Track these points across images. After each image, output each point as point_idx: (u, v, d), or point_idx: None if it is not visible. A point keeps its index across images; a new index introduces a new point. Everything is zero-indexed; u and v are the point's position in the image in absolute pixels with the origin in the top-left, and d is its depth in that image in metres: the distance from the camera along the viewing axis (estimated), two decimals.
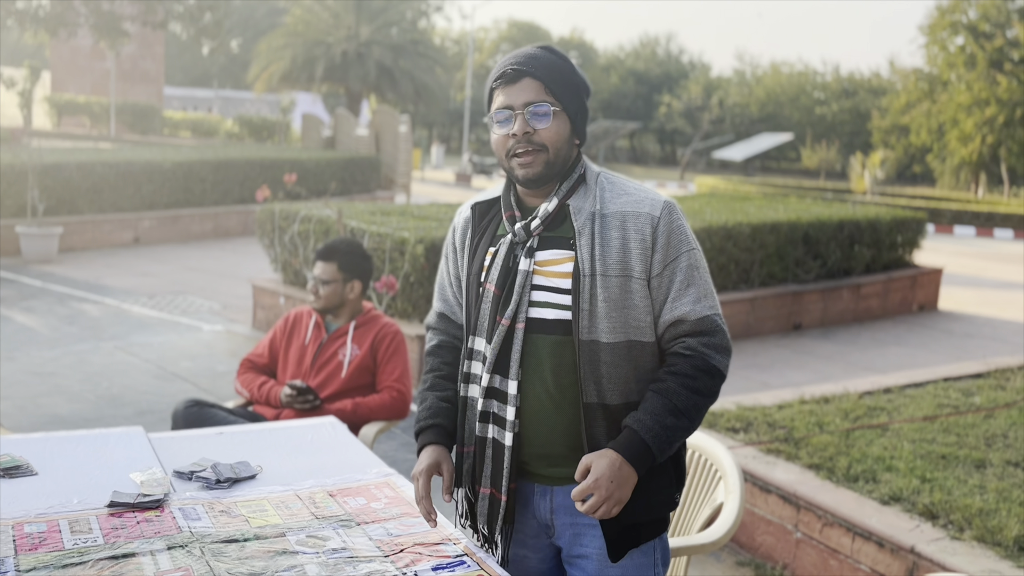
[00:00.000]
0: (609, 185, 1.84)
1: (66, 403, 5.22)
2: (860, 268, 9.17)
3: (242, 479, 2.18)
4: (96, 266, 9.70)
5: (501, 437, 1.80)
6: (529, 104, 1.77)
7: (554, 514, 1.84)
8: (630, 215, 1.78)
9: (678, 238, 1.79)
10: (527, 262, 1.80)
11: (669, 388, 1.74)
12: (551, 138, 1.78)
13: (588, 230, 1.77)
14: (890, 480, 3.49)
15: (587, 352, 1.74)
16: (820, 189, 28.01)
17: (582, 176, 1.84)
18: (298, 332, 3.40)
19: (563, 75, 1.80)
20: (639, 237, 1.76)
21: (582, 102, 1.84)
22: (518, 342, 1.77)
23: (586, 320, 1.74)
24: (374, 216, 7.06)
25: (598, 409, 1.76)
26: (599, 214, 1.79)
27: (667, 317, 1.78)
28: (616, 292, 1.75)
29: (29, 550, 1.75)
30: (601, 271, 1.75)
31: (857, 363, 7.27)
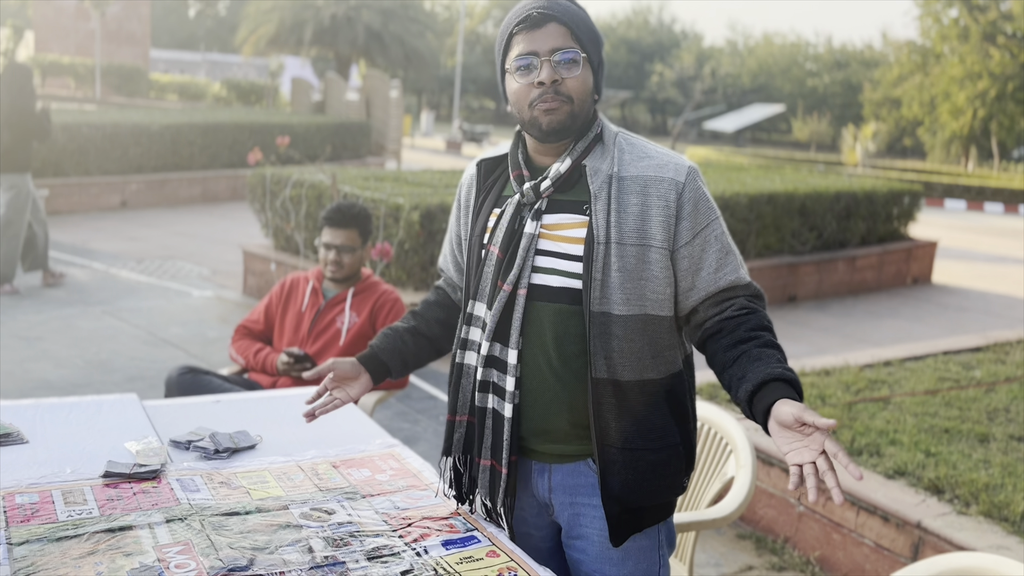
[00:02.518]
0: (628, 147, 1.71)
1: (54, 368, 5.12)
2: (855, 240, 9.13)
3: (241, 449, 2.10)
4: (83, 230, 9.55)
5: (501, 408, 1.71)
6: (556, 50, 1.64)
7: (552, 493, 1.77)
8: (652, 180, 1.66)
9: (706, 205, 1.68)
10: (533, 225, 1.69)
11: (771, 341, 1.62)
12: (577, 88, 1.66)
13: (605, 194, 1.65)
14: (894, 454, 3.46)
15: (598, 325, 1.64)
16: (811, 161, 27.95)
17: (599, 135, 1.72)
18: (294, 298, 3.31)
19: (586, 24, 1.69)
20: (662, 204, 1.64)
21: (602, 56, 1.73)
22: (519, 309, 1.68)
23: (598, 291, 1.64)
24: (367, 182, 6.94)
25: (608, 385, 1.66)
26: (617, 177, 1.67)
27: (709, 288, 1.68)
28: (632, 262, 1.64)
29: (21, 522, 1.67)
30: (617, 239, 1.64)
31: (852, 335, 7.25)
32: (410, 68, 28.70)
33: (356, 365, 1.92)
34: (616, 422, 1.67)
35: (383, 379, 1.95)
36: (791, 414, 1.45)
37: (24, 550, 1.56)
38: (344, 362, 1.91)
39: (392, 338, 1.96)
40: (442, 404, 5.00)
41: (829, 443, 1.42)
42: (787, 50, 53.91)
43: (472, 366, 1.75)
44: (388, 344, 1.95)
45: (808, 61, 53.84)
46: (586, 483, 1.74)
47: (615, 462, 1.68)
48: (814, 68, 53.30)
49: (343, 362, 1.91)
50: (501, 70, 1.74)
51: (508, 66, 1.70)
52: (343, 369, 1.90)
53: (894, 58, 40.85)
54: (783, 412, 1.47)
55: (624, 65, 54.95)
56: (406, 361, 1.96)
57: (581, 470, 1.74)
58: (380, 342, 1.96)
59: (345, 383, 1.92)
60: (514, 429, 1.71)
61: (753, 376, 1.55)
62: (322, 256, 3.23)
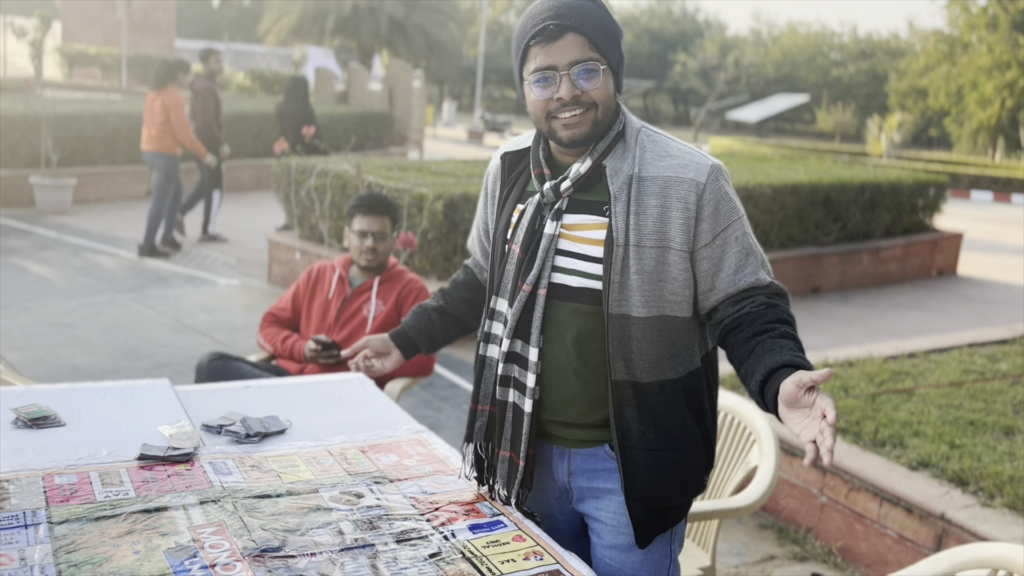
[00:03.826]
0: (650, 144, 1.68)
1: (84, 354, 5.21)
2: (880, 232, 9.07)
3: (272, 434, 2.14)
4: (110, 218, 9.66)
5: (521, 403, 1.74)
6: (575, 63, 1.61)
7: (571, 477, 1.80)
8: (672, 181, 1.63)
9: (728, 206, 1.66)
10: (553, 225, 1.69)
11: (787, 332, 1.60)
12: (600, 96, 1.64)
13: (624, 195, 1.63)
14: (918, 445, 3.45)
15: (617, 327, 1.65)
16: (835, 152, 27.70)
17: (620, 133, 1.70)
18: (321, 286, 3.35)
19: (604, 25, 1.64)
20: (682, 206, 1.62)
21: (622, 51, 1.69)
22: (539, 309, 1.69)
23: (616, 293, 1.64)
24: (391, 171, 6.98)
25: (628, 387, 1.67)
26: (637, 177, 1.64)
27: (728, 290, 1.66)
28: (651, 264, 1.63)
29: (61, 501, 1.72)
30: (635, 241, 1.62)
31: (876, 327, 7.21)
32: (432, 58, 28.71)
33: (387, 342, 2.10)
34: (637, 424, 1.68)
35: (413, 355, 2.11)
36: (791, 383, 1.44)
37: (64, 529, 1.61)
38: (376, 339, 2.10)
39: (421, 316, 2.09)
40: (465, 392, 5.04)
41: (821, 399, 1.41)
42: (812, 39, 53.40)
43: (494, 359, 1.78)
44: (417, 322, 2.09)
45: (833, 51, 53.31)
46: (604, 468, 1.76)
47: (638, 463, 1.69)
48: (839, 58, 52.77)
49: (375, 339, 2.10)
50: (519, 77, 1.71)
51: (526, 77, 1.67)
52: (376, 345, 2.10)
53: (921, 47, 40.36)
54: (785, 388, 1.46)
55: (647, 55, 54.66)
56: (434, 339, 2.10)
57: (599, 455, 1.76)
58: (410, 320, 2.10)
59: (379, 358, 2.12)
60: (533, 424, 1.73)
61: (763, 367, 1.54)
62: (356, 244, 3.26)
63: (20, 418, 2.07)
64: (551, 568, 1.62)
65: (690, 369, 1.72)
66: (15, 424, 2.07)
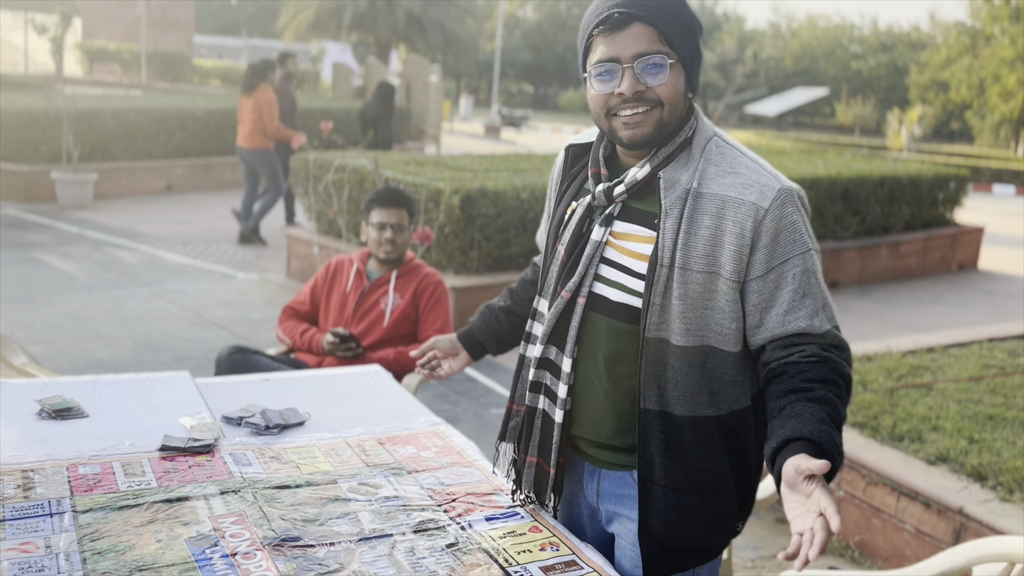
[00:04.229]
0: (718, 156, 1.53)
1: (105, 348, 5.26)
2: (899, 226, 9.00)
3: (291, 425, 2.17)
4: (130, 213, 9.75)
5: (551, 412, 1.67)
6: (640, 56, 1.48)
7: (600, 499, 1.72)
8: (731, 202, 1.48)
9: (790, 237, 1.49)
10: (601, 231, 1.58)
11: (824, 396, 1.42)
12: (667, 94, 1.50)
13: (677, 211, 1.50)
14: (936, 440, 3.44)
15: (652, 352, 1.53)
16: (855, 145, 27.51)
17: (688, 140, 1.55)
18: (339, 280, 3.37)
19: (678, 15, 1.50)
20: (736, 230, 1.47)
21: (698, 46, 1.55)
22: (576, 318, 1.60)
23: (656, 315, 1.51)
24: (408, 166, 7.00)
25: (656, 418, 1.55)
26: (694, 192, 1.50)
27: (775, 331, 1.50)
28: (697, 289, 1.50)
29: (85, 491, 1.74)
30: (682, 263, 1.49)
31: (895, 322, 7.16)
32: (449, 53, 28.71)
33: (455, 343, 2.04)
34: (661, 458, 1.57)
35: (481, 356, 2.05)
36: (792, 466, 1.33)
37: (88, 517, 1.64)
38: (444, 340, 2.04)
39: (488, 317, 2.01)
40: (481, 387, 5.06)
41: (822, 496, 1.29)
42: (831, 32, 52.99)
43: (532, 359, 1.71)
44: (484, 323, 2.01)
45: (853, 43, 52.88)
46: (629, 495, 1.67)
47: (657, 499, 1.58)
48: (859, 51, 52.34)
49: (443, 340, 2.04)
50: (582, 69, 1.59)
51: (588, 70, 1.55)
52: (443, 347, 2.04)
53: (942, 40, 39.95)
54: (786, 470, 1.34)
55: None
56: (502, 340, 2.02)
57: (627, 480, 1.66)
58: (477, 321, 2.03)
59: (446, 359, 2.05)
60: (563, 435, 1.67)
61: (781, 433, 1.40)
62: (374, 237, 3.28)
63: (45, 409, 2.10)
64: (567, 559, 1.63)
65: (735, 408, 1.58)
66: (40, 415, 2.10)
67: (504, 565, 1.59)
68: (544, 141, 26.06)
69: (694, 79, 1.55)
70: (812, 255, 1.52)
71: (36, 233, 8.38)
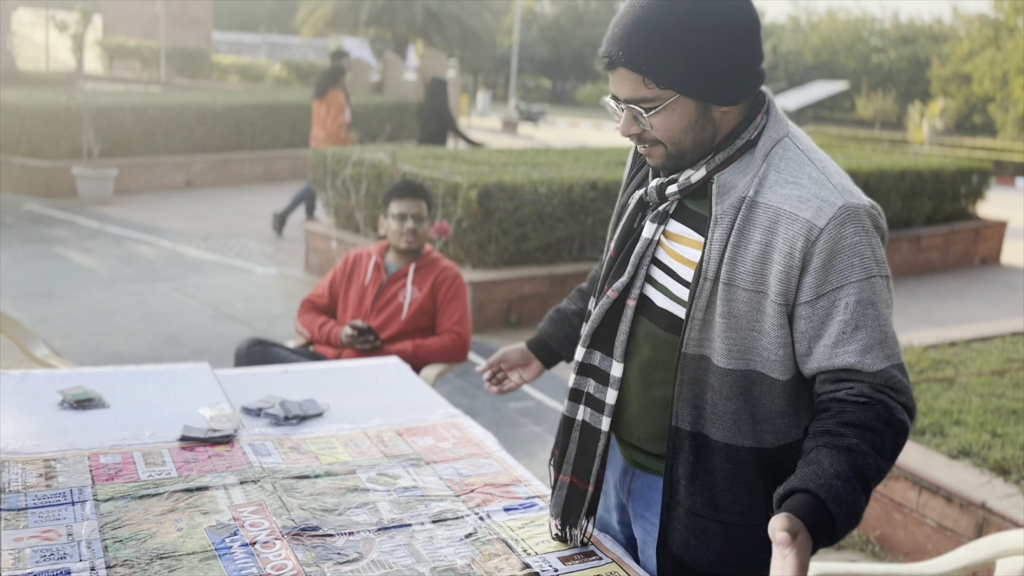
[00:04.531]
0: (783, 162, 1.38)
1: (125, 342, 5.31)
2: (921, 220, 8.93)
3: (309, 416, 2.17)
4: (150, 208, 9.81)
5: (596, 422, 1.54)
6: (628, 101, 1.39)
7: (631, 497, 1.62)
8: (785, 216, 1.33)
9: (847, 261, 1.32)
10: (652, 229, 1.46)
11: (853, 444, 1.28)
12: (663, 134, 1.40)
13: (728, 221, 1.36)
14: (958, 434, 3.40)
15: (691, 368, 1.41)
16: (876, 139, 27.28)
17: (752, 142, 1.40)
18: (358, 273, 3.38)
19: (666, 50, 1.33)
20: (786, 249, 1.33)
21: (712, 62, 1.35)
22: (626, 322, 1.47)
23: (696, 331, 1.40)
24: (426, 160, 7.00)
25: (688, 439, 1.44)
26: (750, 202, 1.36)
27: (822, 364, 1.35)
28: (743, 308, 1.36)
29: (106, 480, 1.76)
30: (727, 278, 1.36)
31: (916, 316, 7.10)
32: (467, 48, 28.70)
33: (526, 353, 1.88)
34: (688, 482, 1.45)
35: (555, 364, 1.89)
36: (771, 523, 1.20)
37: (110, 506, 1.65)
38: (513, 351, 1.88)
39: (560, 323, 1.85)
40: None
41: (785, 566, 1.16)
42: (851, 25, 52.55)
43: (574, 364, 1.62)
44: (557, 330, 1.85)
45: (873, 37, 52.42)
46: (658, 501, 1.56)
47: (678, 521, 1.48)
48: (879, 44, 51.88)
49: (512, 351, 1.88)
50: None
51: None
52: (513, 358, 1.88)
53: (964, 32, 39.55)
54: (770, 526, 1.21)
55: None
56: (575, 345, 1.82)
57: (657, 486, 1.56)
58: (548, 327, 1.86)
59: (516, 370, 1.89)
60: (607, 446, 1.55)
61: (789, 483, 1.27)
62: (395, 228, 3.29)
63: (66, 400, 2.12)
64: (586, 549, 1.62)
65: (782, 442, 1.42)
66: (61, 405, 2.12)
67: (522, 555, 1.59)
68: (562, 136, 26.02)
69: (718, 95, 1.37)
70: (876, 282, 1.33)
71: (57, 228, 8.46)
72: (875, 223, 1.36)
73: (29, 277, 6.60)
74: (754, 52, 1.39)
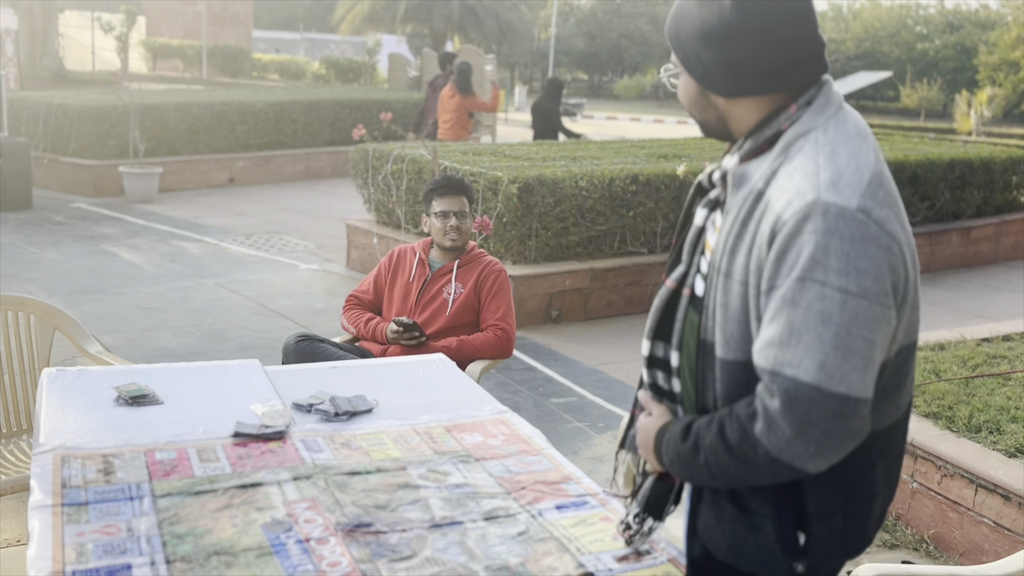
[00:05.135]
0: (798, 155, 1.34)
1: (173, 337, 5.38)
2: (970, 211, 8.73)
3: (359, 412, 2.18)
4: (194, 205, 9.95)
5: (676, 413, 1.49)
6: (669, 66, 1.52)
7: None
8: (769, 208, 1.31)
9: (795, 257, 1.25)
10: (703, 215, 1.45)
11: (701, 426, 1.36)
12: (682, 99, 1.48)
13: (736, 212, 1.36)
14: (1016, 431, 3.32)
15: (704, 354, 1.41)
16: (921, 129, 26.75)
17: (779, 133, 1.37)
18: (402, 269, 3.38)
19: (679, 24, 1.43)
20: (759, 241, 1.31)
21: (701, 53, 1.39)
22: (682, 310, 1.44)
23: (709, 319, 1.39)
24: (466, 155, 7.00)
25: None
26: (757, 193, 1.34)
27: (756, 360, 1.31)
28: (736, 301, 1.34)
29: (162, 476, 1.78)
30: (725, 268, 1.35)
31: (966, 310, 6.95)
32: (504, 42, 28.70)
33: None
34: None
35: None
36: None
37: (167, 502, 1.67)
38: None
39: None
40: (542, 375, 5.05)
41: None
42: (895, 13, 51.56)
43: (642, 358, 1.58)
44: None
45: (918, 24, 51.36)
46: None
47: (705, 499, 1.47)
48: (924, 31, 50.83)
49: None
50: None
51: None
52: None
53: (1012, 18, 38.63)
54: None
55: None
56: None
57: None
58: None
59: None
60: None
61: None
62: (438, 226, 3.29)
63: (121, 396, 2.15)
64: (641, 548, 1.61)
65: None
66: (117, 402, 2.15)
67: (576, 553, 1.58)
68: (600, 129, 25.90)
69: (706, 82, 1.40)
70: (808, 287, 1.23)
71: (105, 225, 8.61)
72: (861, 228, 1.25)
73: (79, 274, 6.72)
74: (748, 55, 1.36)
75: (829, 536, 1.38)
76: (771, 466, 1.27)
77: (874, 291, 1.24)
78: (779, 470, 1.27)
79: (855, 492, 1.38)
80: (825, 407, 1.22)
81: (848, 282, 1.23)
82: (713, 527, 1.44)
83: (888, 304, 1.28)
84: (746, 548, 1.41)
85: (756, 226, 1.32)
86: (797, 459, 1.25)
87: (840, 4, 55.62)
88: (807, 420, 1.23)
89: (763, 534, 1.38)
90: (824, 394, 1.22)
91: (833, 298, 1.23)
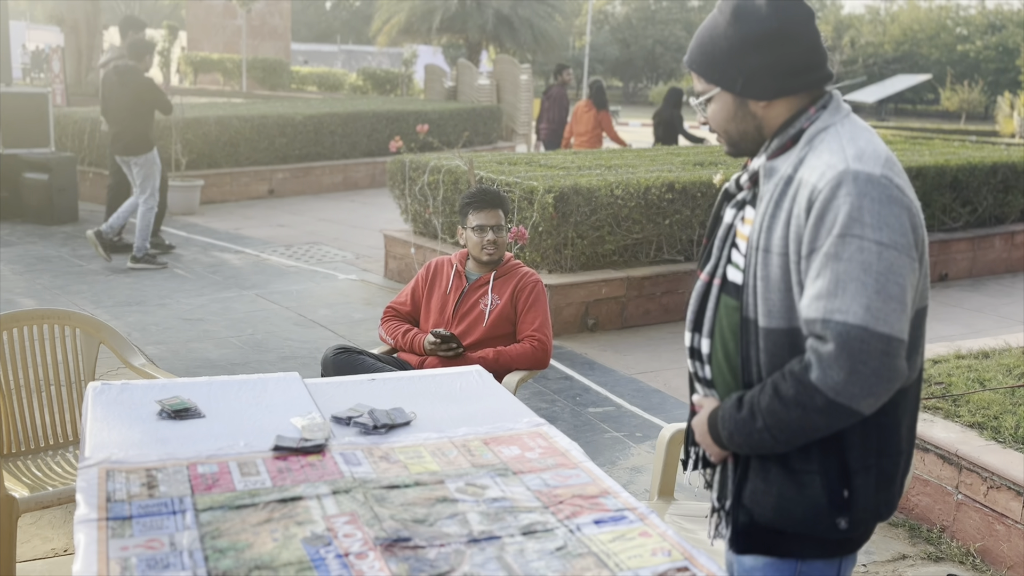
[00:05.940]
0: (821, 144, 1.56)
1: (215, 348, 5.46)
2: (1015, 215, 8.56)
3: (397, 425, 2.20)
4: (235, 217, 10.09)
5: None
6: (694, 95, 1.71)
7: None
8: (804, 184, 1.52)
9: (833, 218, 1.45)
10: (731, 214, 1.67)
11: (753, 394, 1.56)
12: (714, 122, 1.68)
13: (769, 196, 1.58)
14: None
15: (747, 332, 1.59)
16: (962, 132, 26.27)
17: (801, 131, 1.60)
18: (439, 281, 3.40)
19: (706, 46, 1.63)
20: (797, 211, 1.51)
21: (739, 63, 1.59)
22: (712, 299, 1.66)
23: (750, 296, 1.58)
24: (502, 166, 7.03)
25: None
26: (787, 178, 1.56)
27: (805, 314, 1.49)
28: (776, 272, 1.54)
29: (204, 490, 1.80)
30: (764, 245, 1.55)
31: (1010, 316, 6.82)
32: (539, 51, 28.74)
33: None
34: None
35: None
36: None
37: (209, 516, 1.69)
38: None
39: None
40: (579, 385, 5.04)
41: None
42: (934, 14, 50.80)
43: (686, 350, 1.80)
44: None
45: (958, 25, 50.55)
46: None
47: (749, 465, 1.64)
48: (965, 32, 50.01)
49: None
50: None
51: None
52: None
53: None
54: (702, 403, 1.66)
55: None
56: None
57: None
58: None
59: None
60: None
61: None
62: (475, 240, 3.30)
63: (164, 410, 2.19)
64: (680, 564, 1.60)
65: None
66: (160, 415, 2.19)
67: (615, 569, 1.57)
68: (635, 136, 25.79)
69: (748, 90, 1.60)
70: (848, 241, 1.42)
71: None
72: (882, 188, 1.45)
73: (123, 286, 6.85)
74: (787, 55, 1.58)
75: (867, 492, 1.55)
76: (828, 411, 1.43)
77: (902, 243, 1.44)
78: (836, 414, 1.44)
79: (885, 448, 1.57)
80: (873, 346, 1.40)
81: (882, 235, 1.42)
82: (760, 492, 1.59)
83: (914, 256, 1.47)
84: (794, 508, 1.56)
85: (791, 202, 1.53)
86: (852, 399, 1.42)
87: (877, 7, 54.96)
88: (859, 359, 1.40)
89: (810, 490, 1.54)
90: (871, 334, 1.40)
91: (871, 249, 1.42)
